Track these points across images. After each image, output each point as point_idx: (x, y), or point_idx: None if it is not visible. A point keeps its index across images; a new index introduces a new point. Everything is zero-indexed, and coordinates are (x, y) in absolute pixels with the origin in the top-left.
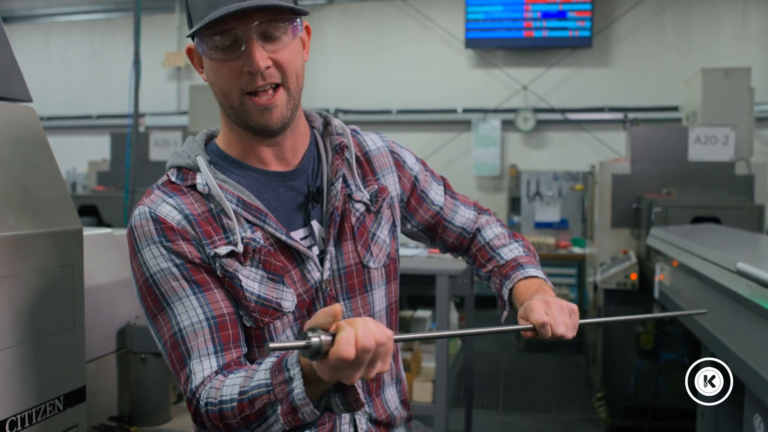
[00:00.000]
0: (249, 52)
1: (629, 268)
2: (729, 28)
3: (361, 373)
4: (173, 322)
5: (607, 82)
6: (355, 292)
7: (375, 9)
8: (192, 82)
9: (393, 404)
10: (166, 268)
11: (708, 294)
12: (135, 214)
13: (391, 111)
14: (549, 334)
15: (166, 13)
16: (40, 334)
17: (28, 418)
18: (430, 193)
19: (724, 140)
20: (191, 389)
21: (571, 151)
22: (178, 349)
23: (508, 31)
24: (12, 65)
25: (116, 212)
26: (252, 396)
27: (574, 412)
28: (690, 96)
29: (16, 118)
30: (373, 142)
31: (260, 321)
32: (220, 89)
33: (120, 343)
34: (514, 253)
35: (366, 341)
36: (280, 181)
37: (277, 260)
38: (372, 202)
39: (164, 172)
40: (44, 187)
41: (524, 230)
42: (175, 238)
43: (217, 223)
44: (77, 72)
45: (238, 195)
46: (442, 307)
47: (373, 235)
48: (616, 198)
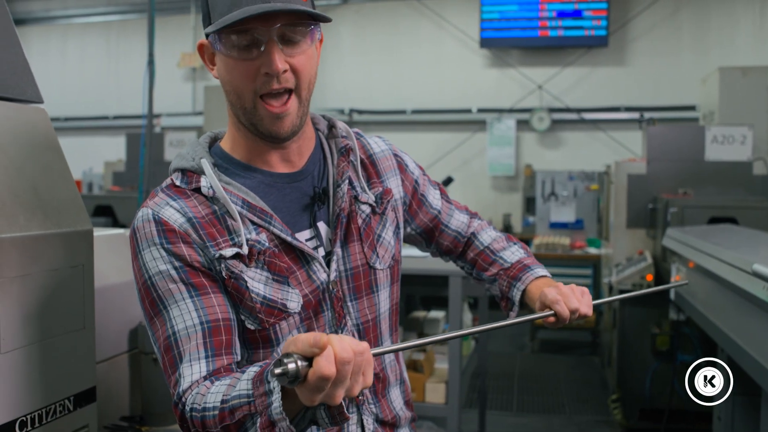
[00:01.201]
0: (268, 54)
1: (645, 269)
2: (746, 27)
3: (344, 389)
4: (168, 324)
5: (622, 82)
6: (361, 293)
7: (389, 9)
8: (207, 82)
9: (398, 405)
10: (164, 270)
11: (724, 295)
12: (138, 216)
13: (406, 111)
14: (566, 311)
15: (182, 14)
16: (49, 335)
17: (38, 418)
18: (429, 197)
19: (742, 140)
20: (178, 393)
21: (587, 150)
22: (171, 352)
23: (523, 30)
24: (23, 67)
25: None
26: (233, 406)
27: (588, 414)
28: (707, 95)
29: (27, 119)
30: (377, 144)
31: (265, 322)
32: (234, 88)
33: (132, 343)
34: (517, 256)
35: (344, 353)
36: (286, 182)
37: (281, 261)
38: (377, 204)
39: (169, 174)
40: (54, 187)
41: (539, 230)
42: (176, 240)
43: (222, 225)
44: (93, 73)
45: (242, 197)
46: (455, 307)
47: (379, 236)
48: (632, 198)
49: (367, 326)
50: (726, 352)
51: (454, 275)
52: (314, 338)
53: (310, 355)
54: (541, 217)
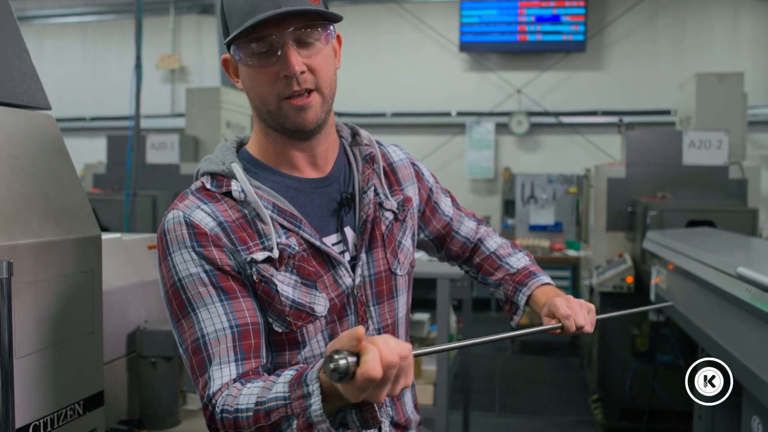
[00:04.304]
0: (285, 57)
1: (625, 271)
2: (721, 33)
3: (387, 390)
4: (196, 327)
5: (600, 86)
6: (383, 298)
7: (370, 12)
8: (187, 84)
9: (409, 408)
10: (195, 273)
11: (706, 297)
12: (168, 218)
13: (386, 114)
14: (573, 327)
15: (161, 15)
16: (61, 339)
17: (50, 422)
18: (441, 204)
19: (718, 144)
20: (208, 395)
21: (565, 154)
22: (200, 354)
23: (503, 34)
24: (32, 74)
25: (114, 215)
26: (269, 408)
27: (570, 414)
28: (684, 100)
29: (37, 125)
30: (396, 153)
31: (293, 325)
32: (257, 95)
33: (130, 347)
34: (522, 263)
35: (390, 357)
36: (313, 188)
37: (310, 266)
38: (399, 211)
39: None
40: (65, 193)
41: (519, 233)
42: (207, 244)
43: (252, 229)
44: (70, 74)
45: (272, 201)
46: (443, 310)
47: (400, 243)
48: (612, 201)
49: (387, 330)
50: (707, 351)
51: (442, 278)
52: (349, 332)
53: (354, 350)
54: (521, 220)
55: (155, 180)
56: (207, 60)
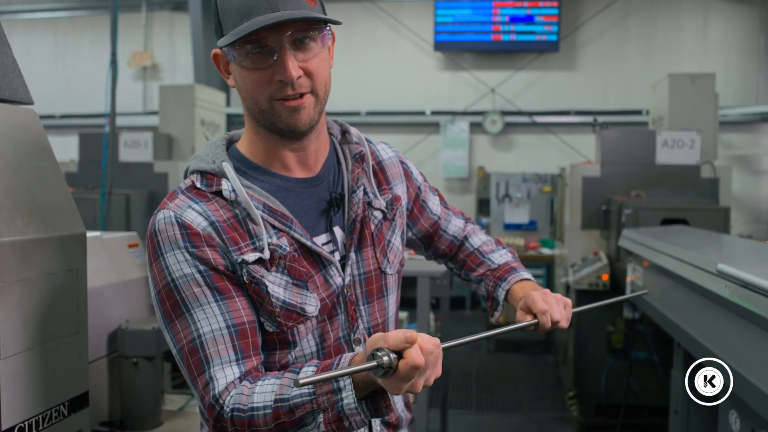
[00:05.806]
0: (282, 62)
1: (601, 269)
2: (691, 34)
3: (423, 379)
4: (192, 328)
5: (573, 86)
6: (373, 297)
7: (345, 11)
8: (159, 82)
9: (400, 406)
10: (189, 273)
11: (683, 293)
12: (159, 218)
13: (360, 113)
14: (548, 323)
15: (133, 12)
16: (47, 339)
17: (35, 424)
18: (429, 203)
19: (690, 144)
20: (214, 395)
21: (539, 153)
22: (197, 354)
23: (477, 34)
24: (13, 67)
25: (87, 214)
26: (294, 404)
27: (546, 411)
28: (657, 100)
29: (19, 121)
30: (385, 151)
31: (284, 325)
32: (249, 95)
33: (111, 347)
34: (504, 259)
35: (428, 345)
36: (303, 188)
37: (301, 266)
38: (388, 210)
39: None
40: (49, 190)
41: (494, 231)
42: (201, 244)
43: (243, 229)
44: (39, 71)
45: (263, 201)
46: (424, 308)
47: (389, 242)
48: (587, 200)
49: (377, 329)
50: (683, 347)
51: (422, 276)
52: (405, 335)
53: (401, 349)
54: (495, 219)
55: (128, 179)
56: (179, 57)
